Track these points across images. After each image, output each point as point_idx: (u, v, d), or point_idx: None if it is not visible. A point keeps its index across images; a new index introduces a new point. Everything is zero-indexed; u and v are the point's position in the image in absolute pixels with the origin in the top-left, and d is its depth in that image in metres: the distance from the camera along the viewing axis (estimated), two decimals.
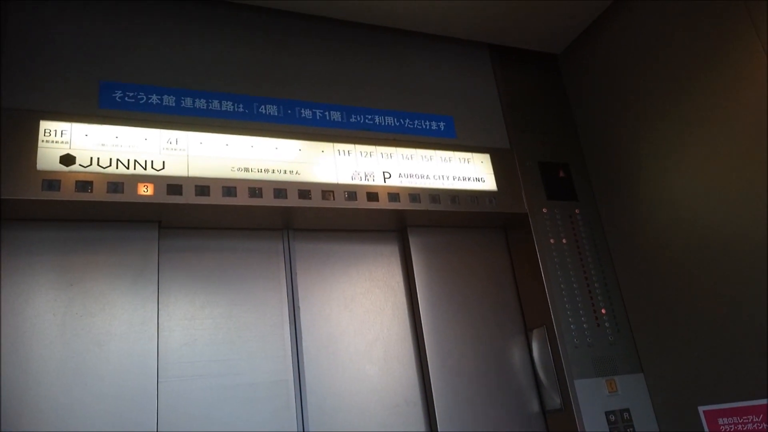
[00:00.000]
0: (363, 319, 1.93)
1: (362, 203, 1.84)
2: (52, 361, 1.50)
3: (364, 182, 1.88)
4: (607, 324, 2.02)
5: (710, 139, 1.81)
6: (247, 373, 1.71)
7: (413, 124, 2.07)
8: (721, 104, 1.77)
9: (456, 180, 2.02)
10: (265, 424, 1.68)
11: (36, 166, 1.51)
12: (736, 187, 1.72)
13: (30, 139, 1.54)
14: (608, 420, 1.84)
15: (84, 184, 1.54)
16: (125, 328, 1.59)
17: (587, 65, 2.30)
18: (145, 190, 1.60)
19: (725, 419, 1.71)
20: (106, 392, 1.52)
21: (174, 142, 1.69)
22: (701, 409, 1.78)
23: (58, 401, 1.47)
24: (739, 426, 1.66)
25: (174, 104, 1.75)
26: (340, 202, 1.82)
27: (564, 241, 2.09)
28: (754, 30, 1.69)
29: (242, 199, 1.70)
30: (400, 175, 1.94)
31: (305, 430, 1.72)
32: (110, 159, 1.60)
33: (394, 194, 1.90)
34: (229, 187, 1.69)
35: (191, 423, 1.61)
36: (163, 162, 1.65)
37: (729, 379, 1.71)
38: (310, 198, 1.78)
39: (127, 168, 1.60)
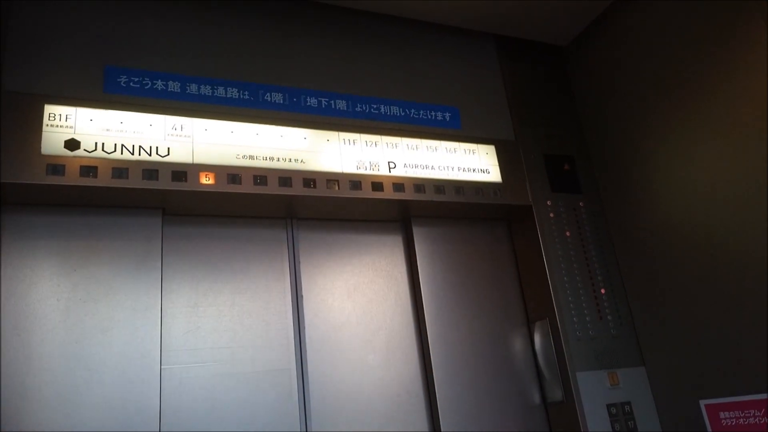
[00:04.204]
0: (366, 308, 1.92)
1: (367, 193, 1.84)
2: (55, 346, 1.50)
3: (368, 172, 1.87)
4: (609, 317, 2.02)
5: (716, 133, 1.80)
6: (249, 362, 1.71)
7: (419, 114, 2.06)
8: (728, 99, 1.77)
9: (461, 171, 2.01)
10: (268, 412, 1.68)
11: (40, 151, 1.50)
12: (741, 180, 1.72)
13: (34, 123, 1.52)
14: (609, 413, 1.85)
15: (88, 170, 1.53)
16: (128, 314, 1.58)
17: (593, 58, 2.29)
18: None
19: (727, 413, 1.71)
20: (109, 378, 1.51)
21: (179, 128, 1.68)
22: (702, 402, 1.78)
23: (60, 386, 1.47)
24: (741, 420, 1.67)
25: (179, 90, 1.74)
26: (345, 192, 1.81)
27: (568, 234, 2.09)
28: (764, 25, 1.67)
29: (247, 187, 1.69)
30: (405, 165, 1.93)
31: (307, 418, 1.72)
32: (115, 144, 1.59)
33: (399, 184, 1.89)
34: (234, 174, 1.68)
35: (194, 410, 1.61)
36: (168, 148, 1.64)
37: (731, 373, 1.72)
38: (314, 187, 1.77)
39: (132, 154, 1.59)
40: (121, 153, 1.58)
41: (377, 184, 1.86)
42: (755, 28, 1.69)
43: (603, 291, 2.05)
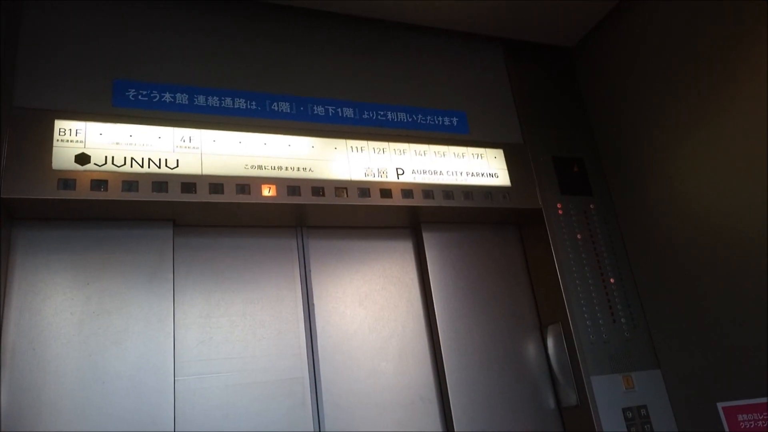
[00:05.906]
0: (377, 316, 1.92)
1: (375, 200, 1.84)
2: (70, 359, 1.51)
3: (377, 179, 1.87)
4: (623, 319, 2.00)
5: (726, 132, 1.78)
6: (262, 371, 1.72)
7: (426, 120, 2.06)
8: (737, 97, 1.75)
9: (469, 176, 2.01)
10: (281, 422, 1.68)
11: (51, 166, 1.51)
12: (753, 179, 1.70)
13: (45, 139, 1.54)
14: (625, 417, 1.83)
15: (99, 183, 1.54)
16: (142, 327, 1.59)
17: (600, 59, 2.27)
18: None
19: (745, 416, 1.69)
20: (123, 390, 1.52)
21: (187, 140, 1.69)
22: (720, 405, 1.76)
23: (75, 399, 1.48)
24: (760, 422, 1.65)
25: (187, 102, 1.75)
26: (354, 199, 1.81)
27: (579, 236, 2.08)
28: (765, 23, 1.66)
29: (256, 197, 1.70)
30: (413, 171, 1.93)
31: (321, 427, 1.72)
32: (125, 158, 1.60)
33: (408, 190, 1.89)
34: (243, 184, 1.69)
35: (208, 420, 1.61)
36: (177, 160, 1.65)
37: (748, 375, 1.69)
38: (323, 195, 1.78)
39: (142, 166, 1.61)
40: (131, 166, 1.59)
41: (386, 191, 1.86)
42: (763, 27, 1.68)
43: (615, 293, 2.04)
